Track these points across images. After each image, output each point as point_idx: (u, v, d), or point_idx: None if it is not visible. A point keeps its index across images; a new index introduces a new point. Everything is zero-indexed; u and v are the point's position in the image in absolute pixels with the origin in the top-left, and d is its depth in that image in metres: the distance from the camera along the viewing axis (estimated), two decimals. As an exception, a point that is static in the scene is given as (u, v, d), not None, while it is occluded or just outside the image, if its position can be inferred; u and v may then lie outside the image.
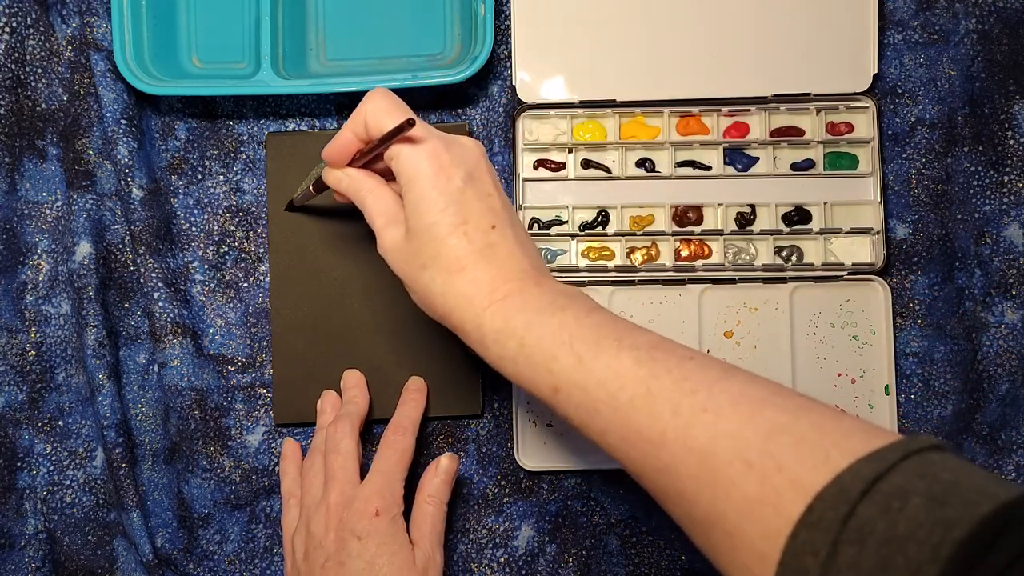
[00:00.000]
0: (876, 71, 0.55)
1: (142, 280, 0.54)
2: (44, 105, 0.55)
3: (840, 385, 0.55)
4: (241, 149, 0.57)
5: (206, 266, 0.56)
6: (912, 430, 0.55)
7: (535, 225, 0.56)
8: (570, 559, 0.55)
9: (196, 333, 0.55)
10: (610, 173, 0.56)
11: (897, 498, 0.28)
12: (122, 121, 0.54)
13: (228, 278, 0.56)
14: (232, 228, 0.56)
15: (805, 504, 0.29)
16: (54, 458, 0.55)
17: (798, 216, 0.55)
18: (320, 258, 0.55)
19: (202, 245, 0.56)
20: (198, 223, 0.56)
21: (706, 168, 0.56)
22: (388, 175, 0.43)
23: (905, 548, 0.27)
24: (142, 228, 0.54)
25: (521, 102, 0.55)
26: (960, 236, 0.55)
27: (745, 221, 0.56)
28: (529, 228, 0.56)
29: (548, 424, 0.55)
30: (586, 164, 0.56)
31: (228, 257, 0.56)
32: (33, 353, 0.55)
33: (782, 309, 0.55)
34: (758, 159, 0.56)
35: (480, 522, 0.55)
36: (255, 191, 0.57)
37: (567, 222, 0.56)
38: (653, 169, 0.56)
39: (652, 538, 0.55)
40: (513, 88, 0.55)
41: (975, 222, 0.54)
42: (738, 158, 0.56)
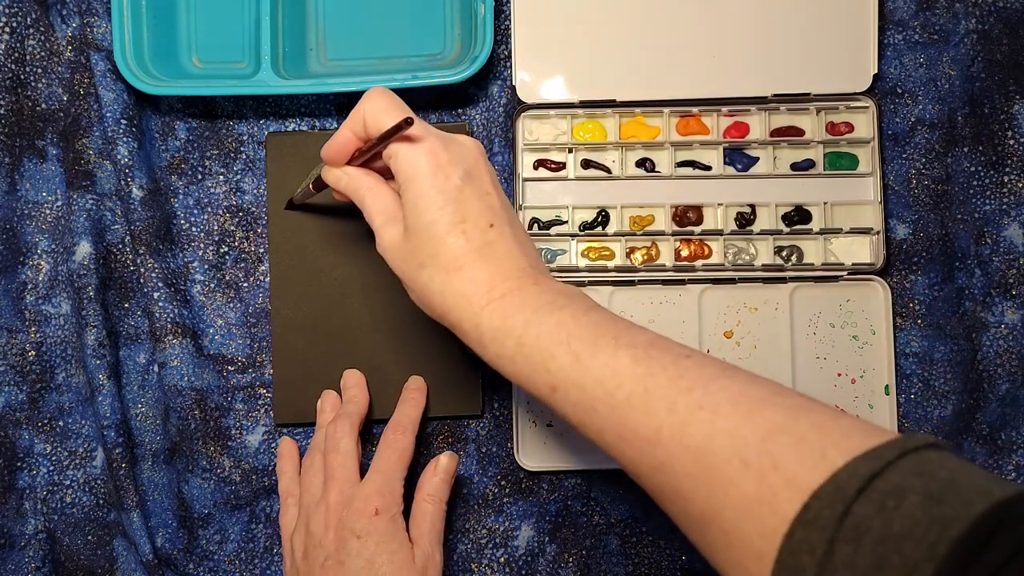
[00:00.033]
0: (876, 71, 0.55)
1: (142, 280, 0.54)
2: (44, 105, 0.56)
3: (840, 385, 0.55)
4: (241, 149, 0.57)
5: (206, 266, 0.56)
6: (912, 430, 0.55)
7: (535, 225, 0.56)
8: (570, 559, 0.55)
9: (196, 333, 0.55)
10: (610, 173, 0.56)
11: (893, 496, 0.28)
12: (122, 121, 0.54)
13: (228, 278, 0.56)
14: (232, 228, 0.56)
15: (802, 502, 0.29)
16: (54, 458, 0.55)
17: (798, 216, 0.55)
18: (320, 258, 0.55)
19: (202, 245, 0.56)
20: (198, 223, 0.56)
21: (706, 168, 0.56)
22: (387, 174, 0.43)
23: (901, 546, 0.27)
24: (142, 228, 0.54)
25: (521, 102, 0.55)
26: (960, 236, 0.55)
27: (745, 221, 0.56)
28: (529, 228, 0.56)
29: (548, 424, 0.55)
30: (586, 164, 0.56)
31: (228, 257, 0.56)
32: (33, 353, 0.55)
33: (782, 309, 0.55)
34: (758, 159, 0.56)
35: (480, 522, 0.55)
36: (255, 191, 0.57)
37: (567, 222, 0.56)
38: (653, 169, 0.56)
39: (652, 538, 0.55)
40: (513, 88, 0.55)
41: (975, 222, 0.54)
42: (738, 158, 0.56)
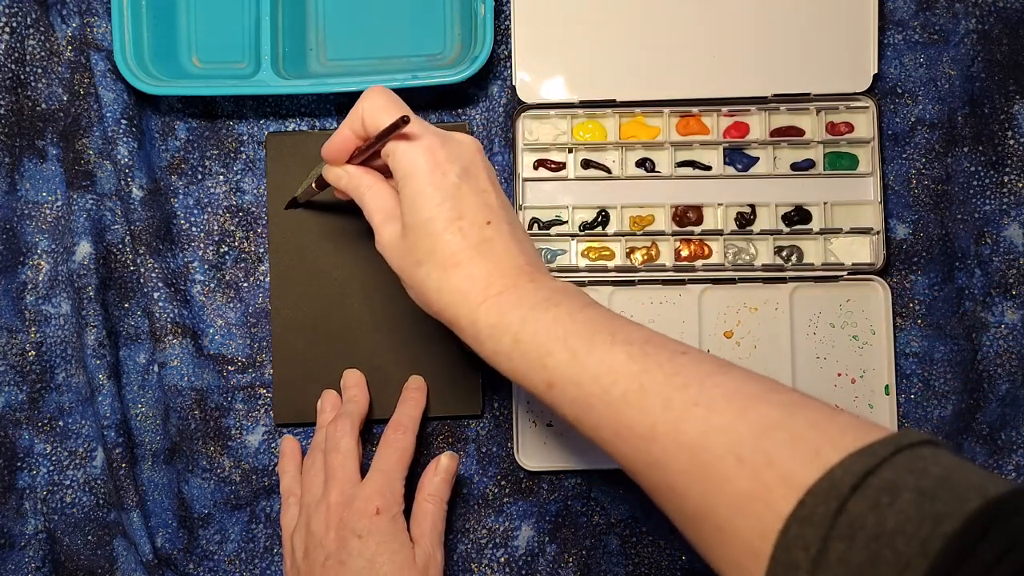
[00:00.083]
0: (876, 71, 0.55)
1: (142, 280, 0.54)
2: (44, 105, 0.56)
3: (840, 385, 0.55)
4: (241, 149, 0.57)
5: (206, 266, 0.56)
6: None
7: (535, 225, 0.56)
8: (570, 559, 0.55)
9: (196, 333, 0.55)
10: (610, 173, 0.56)
11: (887, 493, 0.28)
12: (122, 121, 0.54)
13: (228, 278, 0.56)
14: (232, 228, 0.56)
15: (796, 499, 0.29)
16: (54, 458, 0.55)
17: (798, 216, 0.55)
18: (320, 258, 0.55)
19: (202, 245, 0.56)
20: (198, 223, 0.56)
21: (706, 168, 0.56)
22: (388, 172, 0.43)
23: (894, 543, 0.27)
24: (142, 228, 0.54)
25: (521, 102, 0.55)
26: (960, 236, 0.55)
27: (745, 221, 0.56)
28: (529, 228, 0.56)
29: (548, 424, 0.55)
30: (586, 164, 0.56)
31: (228, 257, 0.56)
32: (33, 353, 0.55)
33: (782, 309, 0.55)
34: (758, 159, 0.56)
35: (480, 522, 0.55)
36: (255, 191, 0.57)
37: (567, 222, 0.56)
38: (653, 169, 0.56)
39: (652, 538, 0.55)
40: (513, 88, 0.55)
41: (975, 222, 0.54)
42: (738, 158, 0.56)
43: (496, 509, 0.55)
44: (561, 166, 0.56)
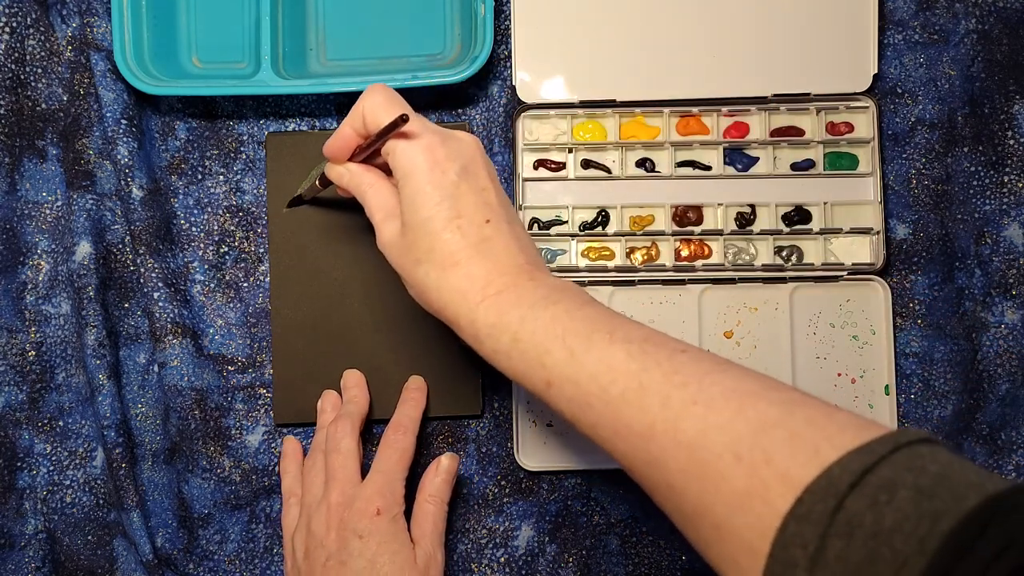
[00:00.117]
0: (876, 71, 0.55)
1: (142, 280, 0.54)
2: (44, 105, 0.55)
3: (840, 385, 0.55)
4: (241, 149, 0.57)
5: (206, 266, 0.56)
6: (912, 430, 0.55)
7: (535, 225, 0.56)
8: (570, 559, 0.55)
9: (196, 333, 0.55)
10: (610, 173, 0.56)
11: (885, 491, 0.28)
12: (122, 121, 0.54)
13: (228, 278, 0.56)
14: (232, 228, 0.56)
15: (794, 497, 0.29)
16: (54, 458, 0.55)
17: (798, 216, 0.55)
18: (320, 258, 0.55)
19: (202, 245, 0.56)
20: (198, 223, 0.56)
21: (706, 168, 0.56)
22: (389, 170, 0.43)
23: (892, 541, 0.27)
24: (142, 228, 0.54)
25: (521, 102, 0.55)
26: (960, 236, 0.55)
27: (745, 221, 0.56)
28: (529, 228, 0.56)
29: (548, 424, 0.55)
30: (586, 164, 0.56)
31: (228, 257, 0.56)
32: (33, 353, 0.55)
33: (782, 309, 0.55)
34: (758, 159, 0.56)
35: (480, 522, 0.55)
36: (255, 191, 0.57)
37: (567, 222, 0.56)
38: (653, 169, 0.56)
39: (652, 538, 0.55)
40: (513, 88, 0.55)
41: (975, 222, 0.54)
42: (738, 158, 0.56)
43: (496, 509, 0.55)
44: (561, 166, 0.56)
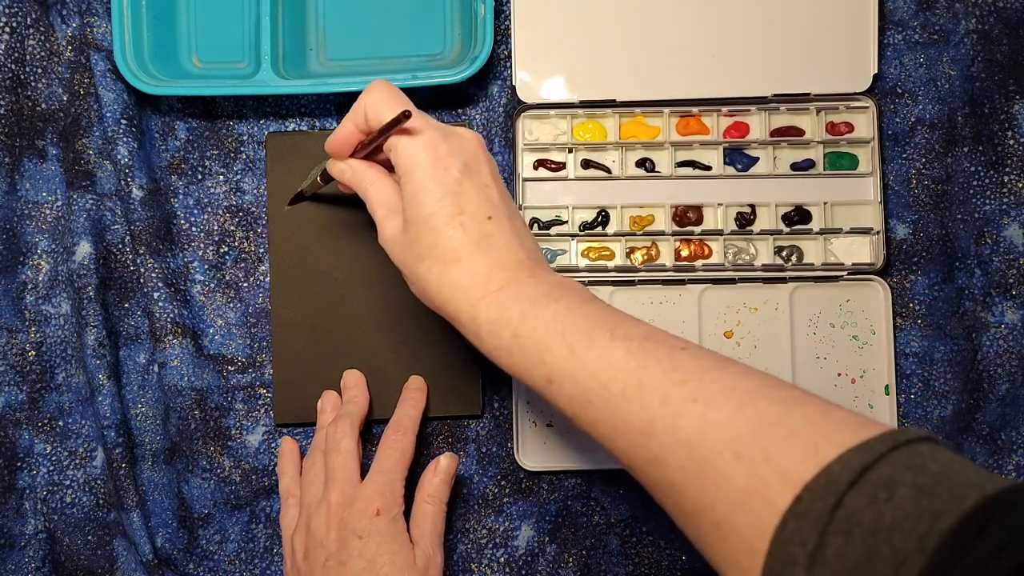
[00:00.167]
0: (876, 71, 0.55)
1: (142, 280, 0.54)
2: (44, 105, 0.55)
3: (840, 385, 0.55)
4: (241, 149, 0.57)
5: (206, 266, 0.56)
6: (912, 430, 0.55)
7: (535, 225, 0.56)
8: (570, 559, 0.55)
9: (196, 333, 0.55)
10: (610, 173, 0.56)
11: (884, 489, 0.28)
12: (122, 121, 0.54)
13: (228, 278, 0.56)
14: (232, 228, 0.56)
15: (793, 495, 0.29)
16: (54, 458, 0.55)
17: (798, 216, 0.55)
18: (320, 258, 0.55)
19: (202, 245, 0.56)
20: (198, 223, 0.56)
21: (706, 168, 0.56)
22: (391, 166, 0.43)
23: (891, 539, 0.27)
24: (142, 228, 0.54)
25: (521, 102, 0.55)
26: (960, 236, 0.55)
27: (745, 221, 0.56)
28: (529, 228, 0.56)
29: (548, 424, 0.55)
30: (586, 164, 0.56)
31: (228, 257, 0.56)
32: (33, 353, 0.55)
33: (782, 309, 0.55)
34: (758, 159, 0.56)
35: (480, 522, 0.55)
36: (255, 191, 0.57)
37: (567, 222, 0.56)
38: (653, 169, 0.56)
39: (652, 538, 0.55)
40: (513, 88, 0.55)
41: (975, 222, 0.54)
42: (738, 158, 0.56)
43: (496, 509, 0.55)
44: (561, 166, 0.56)
